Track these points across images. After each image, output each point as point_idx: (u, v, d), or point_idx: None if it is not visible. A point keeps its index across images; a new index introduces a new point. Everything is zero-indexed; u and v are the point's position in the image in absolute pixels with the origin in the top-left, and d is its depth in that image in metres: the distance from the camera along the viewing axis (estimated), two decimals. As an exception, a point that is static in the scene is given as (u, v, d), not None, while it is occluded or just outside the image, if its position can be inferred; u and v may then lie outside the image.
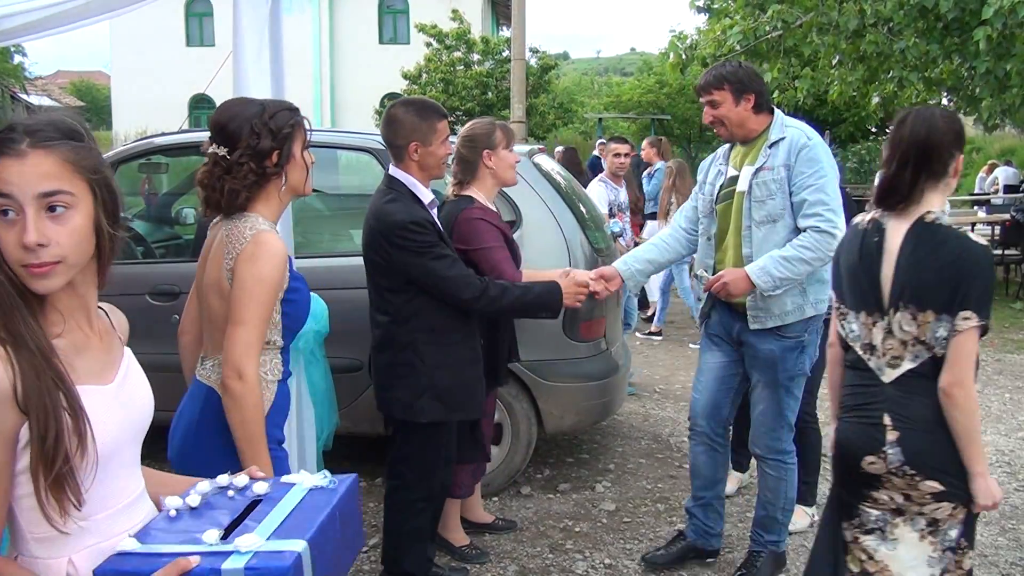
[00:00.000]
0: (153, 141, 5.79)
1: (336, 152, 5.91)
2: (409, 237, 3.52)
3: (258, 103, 2.77)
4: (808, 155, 3.78)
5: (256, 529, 1.67)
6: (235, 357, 2.57)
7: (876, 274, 2.76)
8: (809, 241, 3.72)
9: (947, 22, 10.59)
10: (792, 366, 3.98)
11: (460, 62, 27.74)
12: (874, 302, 2.77)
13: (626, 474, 5.64)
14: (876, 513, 2.79)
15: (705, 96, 3.95)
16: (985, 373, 8.13)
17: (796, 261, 3.72)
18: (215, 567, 1.57)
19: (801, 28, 11.40)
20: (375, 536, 4.57)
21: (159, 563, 1.55)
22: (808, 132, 3.91)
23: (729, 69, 3.94)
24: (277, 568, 1.59)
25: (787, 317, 3.90)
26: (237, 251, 2.61)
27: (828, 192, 3.76)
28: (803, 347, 3.98)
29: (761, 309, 3.91)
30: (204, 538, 1.63)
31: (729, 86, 3.88)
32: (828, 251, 3.64)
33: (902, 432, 2.70)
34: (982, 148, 31.40)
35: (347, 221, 5.83)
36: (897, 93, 13.04)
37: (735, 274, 3.80)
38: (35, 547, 1.64)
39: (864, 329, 2.81)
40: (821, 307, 3.95)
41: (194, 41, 34.67)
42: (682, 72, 14.09)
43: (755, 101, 3.91)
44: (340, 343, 4.35)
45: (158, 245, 6.03)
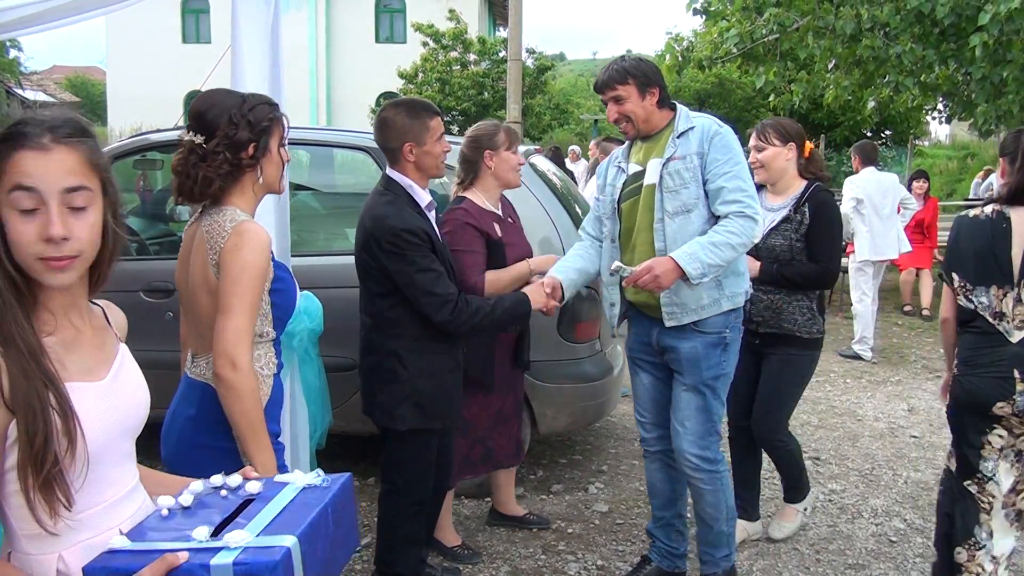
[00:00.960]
0: (148, 138, 5.78)
1: (332, 151, 5.91)
2: (400, 244, 3.48)
3: (239, 95, 2.76)
4: (721, 142, 3.69)
5: (246, 526, 1.68)
6: (227, 346, 2.55)
7: (1007, 254, 3.33)
8: (735, 226, 3.59)
9: (943, 27, 10.63)
10: (716, 364, 3.82)
11: (456, 62, 27.76)
12: (1005, 277, 3.34)
13: (619, 476, 5.64)
14: (990, 462, 3.45)
15: (609, 92, 3.79)
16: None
17: (724, 247, 3.58)
18: (204, 563, 1.58)
19: (797, 32, 11.42)
20: (368, 536, 4.57)
21: (148, 560, 1.55)
22: (717, 121, 3.81)
23: (631, 63, 3.80)
24: (265, 563, 1.59)
25: (703, 311, 3.75)
26: (220, 244, 2.59)
27: (744, 178, 3.68)
28: (725, 344, 3.83)
29: (676, 304, 3.76)
30: (194, 535, 1.64)
31: (634, 80, 3.74)
32: (752, 237, 3.62)
33: None
34: (977, 154, 31.48)
35: (342, 220, 5.82)
36: (893, 98, 13.11)
37: (664, 263, 3.57)
38: (26, 543, 1.64)
39: (995, 300, 3.37)
40: (738, 300, 3.82)
41: (190, 38, 34.66)
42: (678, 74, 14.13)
43: (659, 95, 3.79)
44: (334, 342, 4.34)
45: (152, 242, 6.02)
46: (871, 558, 4.55)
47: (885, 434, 6.54)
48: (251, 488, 1.83)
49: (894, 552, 4.62)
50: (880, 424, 6.78)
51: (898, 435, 6.48)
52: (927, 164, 27.57)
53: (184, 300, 2.85)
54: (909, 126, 31.24)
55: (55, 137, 1.60)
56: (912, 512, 5.10)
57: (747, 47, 11.99)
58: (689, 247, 3.58)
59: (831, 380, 8.09)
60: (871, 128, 31.03)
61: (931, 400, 7.40)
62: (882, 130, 32.26)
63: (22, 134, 1.59)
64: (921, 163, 27.32)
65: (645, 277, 3.56)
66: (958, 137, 37.18)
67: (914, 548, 4.66)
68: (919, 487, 5.50)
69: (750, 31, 11.75)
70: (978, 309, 3.41)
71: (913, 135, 31.64)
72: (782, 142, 4.42)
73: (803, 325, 4.35)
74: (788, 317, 4.36)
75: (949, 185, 27.73)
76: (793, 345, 4.38)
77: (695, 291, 3.69)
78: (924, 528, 4.88)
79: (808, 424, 6.73)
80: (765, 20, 11.63)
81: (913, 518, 5.02)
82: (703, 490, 3.93)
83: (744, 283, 3.83)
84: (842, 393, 7.63)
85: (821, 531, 4.86)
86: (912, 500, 5.29)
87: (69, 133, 1.63)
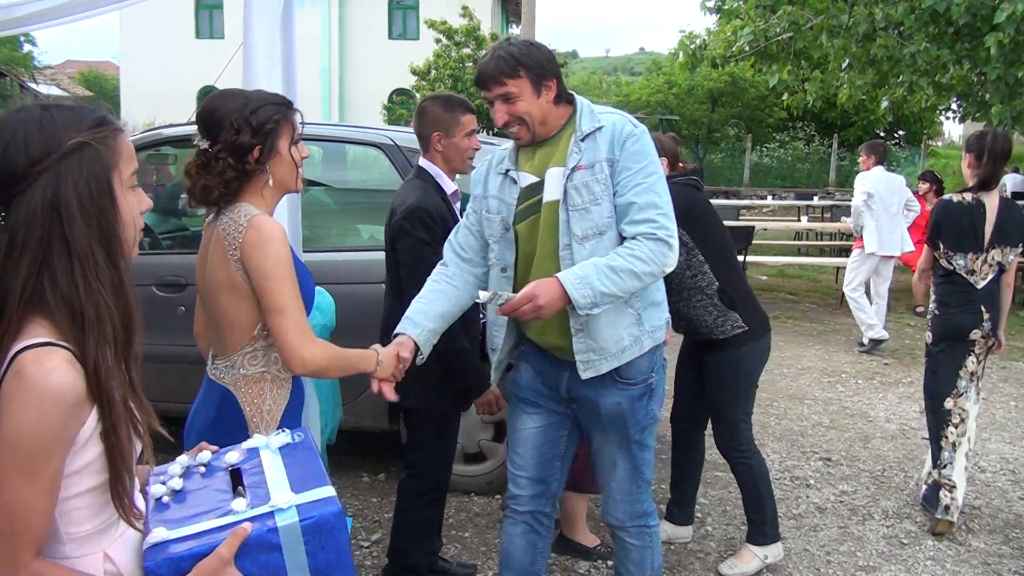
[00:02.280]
0: (161, 132, 5.79)
1: (344, 147, 5.90)
2: (414, 222, 3.55)
3: (243, 96, 2.69)
4: (635, 146, 2.96)
5: (271, 489, 1.72)
6: (293, 347, 2.53)
7: (981, 230, 4.75)
8: (643, 251, 2.88)
9: (958, 27, 10.56)
10: (644, 417, 3.19)
11: (469, 59, 27.68)
12: (978, 246, 4.76)
13: (629, 474, 5.61)
14: (963, 381, 4.92)
15: (496, 88, 2.97)
16: (990, 380, 8.12)
17: (626, 274, 2.86)
18: (271, 527, 1.62)
19: (811, 30, 11.37)
20: (378, 531, 4.57)
21: (206, 542, 1.59)
22: (631, 119, 3.07)
23: (522, 49, 2.99)
24: (330, 513, 1.67)
25: (625, 354, 3.05)
26: (239, 241, 2.55)
27: (660, 192, 2.96)
28: (652, 390, 3.19)
29: (593, 350, 3.03)
30: (233, 507, 1.67)
31: (527, 72, 2.95)
32: (663, 264, 2.91)
33: (991, 312, 4.81)
34: (990, 154, 31.32)
35: (355, 216, 5.82)
36: (907, 98, 13.03)
37: (549, 289, 2.82)
38: (69, 548, 1.62)
39: (970, 261, 4.78)
40: (659, 335, 3.15)
41: (204, 33, 34.70)
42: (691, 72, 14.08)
43: (556, 89, 3.03)
44: (346, 338, 4.31)
45: (165, 236, 6.02)
46: (882, 560, 4.53)
47: (897, 435, 6.51)
48: (231, 458, 1.86)
49: (905, 554, 4.59)
50: (892, 425, 6.75)
51: (910, 437, 6.45)
52: (940, 165, 27.44)
53: (203, 300, 2.83)
54: (923, 126, 31.17)
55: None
56: (923, 514, 5.07)
57: (761, 45, 11.94)
58: (581, 268, 2.87)
59: (843, 380, 8.06)
60: (884, 128, 30.96)
61: (943, 401, 7.37)
62: (895, 130, 32.20)
63: (113, 122, 1.67)
64: (934, 164, 27.23)
65: (526, 307, 2.81)
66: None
67: (925, 551, 4.64)
68: (931, 489, 5.47)
69: (764, 29, 11.70)
70: (956, 269, 4.82)
71: (926, 135, 31.54)
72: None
73: (713, 325, 4.07)
74: (698, 320, 4.10)
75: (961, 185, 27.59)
76: (717, 348, 4.13)
77: (613, 330, 3.02)
78: (936, 531, 4.86)
79: (820, 425, 6.71)
80: (779, 18, 11.58)
81: (924, 520, 5.00)
82: (629, 546, 3.39)
83: (663, 313, 3.20)
84: (854, 394, 7.60)
85: (832, 532, 4.84)
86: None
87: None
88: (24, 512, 1.48)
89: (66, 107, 1.63)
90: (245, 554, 1.59)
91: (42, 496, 1.50)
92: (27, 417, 1.47)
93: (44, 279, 1.54)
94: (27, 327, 1.53)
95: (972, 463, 5.15)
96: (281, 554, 1.63)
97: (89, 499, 1.61)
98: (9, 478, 1.47)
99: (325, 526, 1.66)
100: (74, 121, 1.60)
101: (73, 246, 1.55)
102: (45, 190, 1.54)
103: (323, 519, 1.66)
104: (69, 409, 1.51)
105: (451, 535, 4.60)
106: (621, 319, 3.02)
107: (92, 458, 1.57)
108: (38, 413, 1.47)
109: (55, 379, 1.49)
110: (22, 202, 1.54)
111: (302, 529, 1.64)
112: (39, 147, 1.55)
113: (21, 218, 1.53)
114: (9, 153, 1.55)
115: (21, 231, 1.53)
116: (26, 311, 1.54)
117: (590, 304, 2.82)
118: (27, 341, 1.51)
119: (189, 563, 1.57)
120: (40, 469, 1.49)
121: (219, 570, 1.56)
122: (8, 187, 1.55)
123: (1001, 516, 5.11)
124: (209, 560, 1.57)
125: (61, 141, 1.57)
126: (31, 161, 1.54)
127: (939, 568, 4.45)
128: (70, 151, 1.57)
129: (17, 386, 1.48)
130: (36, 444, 1.48)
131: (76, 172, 1.57)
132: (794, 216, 18.31)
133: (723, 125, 33.33)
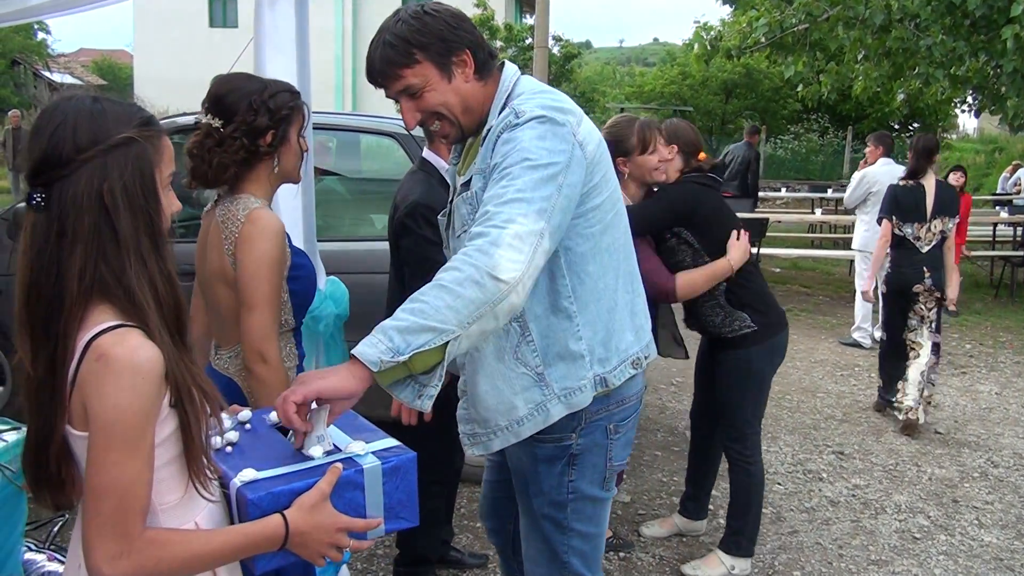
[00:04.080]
0: (175, 121, 5.78)
1: (358, 136, 5.90)
2: (417, 219, 3.43)
3: (260, 80, 2.72)
4: (505, 146, 2.18)
5: (337, 441, 1.95)
6: (255, 342, 2.56)
7: (924, 205, 6.44)
8: (459, 258, 2.02)
9: (975, 19, 10.51)
10: (554, 488, 2.45)
11: (483, 49, 27.68)
12: (922, 217, 6.42)
13: (642, 466, 5.62)
14: (914, 321, 6.45)
15: (394, 84, 2.31)
16: (1004, 375, 8.10)
17: (434, 292, 1.98)
18: (358, 468, 1.84)
19: (827, 22, 11.33)
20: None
21: (301, 480, 1.78)
22: (536, 105, 2.22)
23: (410, 25, 2.25)
24: (406, 458, 1.91)
25: (523, 427, 2.37)
26: (235, 234, 2.57)
27: (516, 182, 2.09)
28: (571, 458, 2.43)
29: (476, 422, 2.45)
30: (312, 453, 1.88)
31: (424, 53, 2.25)
32: (490, 268, 1.98)
33: (932, 272, 6.32)
34: (1005, 148, 31.17)
35: (368, 205, 5.81)
36: (922, 90, 12.98)
37: (332, 370, 1.96)
38: (163, 518, 1.69)
39: (916, 229, 6.41)
40: (579, 398, 2.34)
41: (217, 22, 34.71)
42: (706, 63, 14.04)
43: (472, 61, 2.31)
44: (359, 327, 4.30)
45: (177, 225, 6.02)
46: (894, 554, 4.52)
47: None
48: (273, 418, 2.03)
49: (917, 549, 4.58)
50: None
51: (922, 431, 6.42)
52: (955, 158, 27.27)
53: (203, 289, 2.84)
54: (938, 119, 30.99)
55: None
56: (936, 509, 5.06)
57: (776, 37, 11.90)
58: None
59: (855, 374, 8.04)
60: (899, 120, 30.80)
61: (956, 396, 7.35)
62: (910, 122, 32.02)
63: (159, 124, 1.71)
64: (948, 156, 27.05)
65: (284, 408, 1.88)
66: (986, 131, 36.84)
67: (937, 545, 4.62)
68: (943, 484, 5.46)
69: (779, 20, 11.67)
70: (905, 235, 6.46)
71: (941, 128, 31.37)
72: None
73: (721, 325, 3.98)
74: (707, 320, 4.03)
75: (976, 179, 27.43)
76: (727, 347, 4.03)
77: (499, 395, 2.36)
78: (948, 525, 4.84)
79: (832, 418, 6.70)
80: (795, 9, 11.55)
81: (937, 515, 4.98)
82: None
83: (582, 370, 2.34)
84: (867, 387, 7.57)
85: (844, 526, 4.83)
86: (936, 497, 5.25)
87: None
88: (130, 485, 1.54)
89: (117, 102, 1.66)
90: (333, 491, 1.78)
91: (145, 467, 1.57)
92: (124, 395, 1.52)
93: (101, 266, 1.58)
94: (91, 314, 1.58)
95: (924, 379, 6.39)
96: (363, 492, 1.84)
97: (174, 467, 1.69)
98: (113, 455, 1.53)
99: (401, 468, 1.89)
100: (124, 116, 1.63)
101: (121, 236, 1.59)
102: (92, 179, 1.57)
103: (400, 462, 1.89)
104: (157, 381, 1.57)
105: (463, 525, 4.60)
106: (508, 381, 2.34)
107: (172, 429, 1.65)
108: (133, 389, 1.53)
109: (142, 355, 1.55)
110: (66, 188, 1.56)
111: (383, 472, 1.86)
112: (88, 136, 1.58)
113: (68, 205, 1.56)
114: (57, 136, 1.57)
115: (71, 218, 1.56)
116: (86, 298, 1.58)
117: (390, 351, 1.89)
118: (99, 326, 1.56)
119: (287, 498, 1.74)
120: (140, 442, 1.55)
121: (319, 503, 1.75)
122: (51, 170, 1.57)
123: (1014, 511, 5.09)
124: (311, 494, 1.75)
125: (110, 133, 1.60)
126: (78, 148, 1.57)
127: (951, 563, 4.44)
128: (118, 144, 1.60)
129: (105, 368, 1.53)
130: (135, 419, 1.54)
131: (122, 166, 1.60)
132: (808, 208, 18.24)
133: (737, 117, 33.21)
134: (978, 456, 5.94)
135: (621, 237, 2.43)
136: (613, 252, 2.38)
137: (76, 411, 1.57)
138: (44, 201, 1.57)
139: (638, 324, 2.48)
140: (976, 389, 7.65)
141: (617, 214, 2.40)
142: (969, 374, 8.13)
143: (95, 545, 1.53)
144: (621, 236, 2.43)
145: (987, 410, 7.03)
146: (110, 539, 1.53)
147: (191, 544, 1.62)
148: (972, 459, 5.89)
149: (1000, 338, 9.68)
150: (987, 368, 8.39)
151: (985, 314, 10.88)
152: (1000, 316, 10.85)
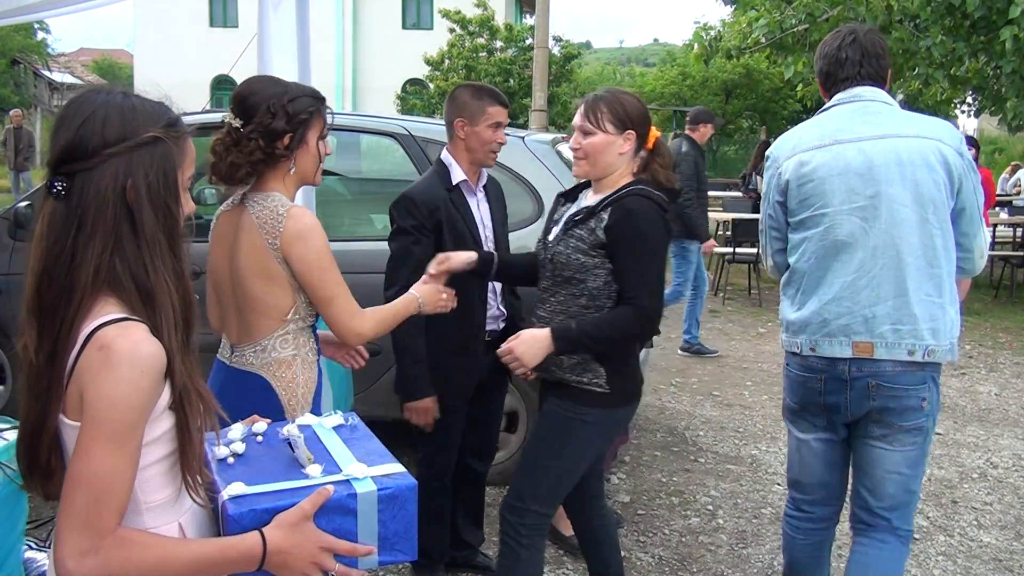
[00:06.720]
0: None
1: (358, 136, 5.90)
2: (400, 209, 3.55)
3: (283, 84, 2.76)
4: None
5: (339, 461, 1.88)
6: (350, 328, 2.71)
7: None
8: None
9: (974, 20, 10.53)
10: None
11: (483, 49, 27.67)
12: None
13: (641, 466, 5.63)
14: None
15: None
16: (1004, 376, 8.11)
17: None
18: (351, 492, 1.76)
19: (827, 22, 11.33)
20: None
21: (286, 498, 1.73)
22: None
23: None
24: (405, 486, 1.83)
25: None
26: (279, 229, 2.61)
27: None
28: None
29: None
30: (308, 472, 1.82)
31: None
32: None
33: None
34: (1004, 149, 31.17)
35: (368, 205, 5.82)
36: (922, 90, 12.98)
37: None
38: (147, 517, 1.68)
39: None
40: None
41: (217, 22, 34.78)
42: (706, 64, 14.05)
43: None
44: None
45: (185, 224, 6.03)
46: (893, 554, 4.52)
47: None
48: (288, 431, 1.95)
49: (916, 549, 4.58)
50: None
51: (922, 431, 6.42)
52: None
53: (222, 287, 2.82)
54: (937, 119, 30.95)
55: None
56: (935, 510, 5.07)
57: (776, 37, 11.91)
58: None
59: (855, 374, 8.03)
60: (899, 121, 30.78)
61: (956, 397, 7.35)
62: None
63: (185, 126, 1.73)
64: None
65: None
66: (986, 132, 36.82)
67: (936, 546, 4.63)
68: (942, 485, 5.46)
69: (779, 21, 11.68)
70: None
71: (941, 129, 31.31)
72: (618, 129, 3.06)
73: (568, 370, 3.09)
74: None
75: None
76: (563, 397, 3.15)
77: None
78: (947, 526, 4.85)
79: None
80: (795, 10, 11.56)
81: (936, 516, 4.99)
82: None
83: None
84: (866, 388, 7.57)
85: (843, 526, 4.82)
86: (935, 498, 5.25)
87: None
88: (111, 480, 1.53)
89: (148, 100, 1.68)
90: (322, 514, 1.72)
91: (129, 464, 1.56)
92: (120, 388, 1.53)
93: (116, 260, 1.59)
94: (97, 305, 1.59)
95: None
96: (355, 519, 1.76)
97: (163, 467, 1.68)
98: (99, 447, 1.52)
99: (399, 497, 1.81)
100: (153, 115, 1.66)
101: (141, 231, 1.61)
102: (117, 174, 1.59)
103: (398, 491, 1.81)
104: (156, 378, 1.57)
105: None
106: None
107: (166, 428, 1.65)
108: (130, 383, 1.53)
109: (144, 349, 1.56)
110: (90, 180, 1.58)
111: (379, 498, 1.78)
112: (116, 131, 1.60)
113: (91, 197, 1.58)
114: (86, 128, 1.59)
115: (92, 210, 1.58)
116: (95, 290, 1.59)
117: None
118: (103, 318, 1.56)
119: (271, 516, 1.69)
120: (129, 438, 1.55)
121: (300, 522, 1.69)
122: (75, 160, 1.58)
123: (1013, 512, 5.09)
124: (292, 512, 1.70)
125: (139, 131, 1.62)
126: (105, 142, 1.59)
127: (950, 563, 4.44)
128: (145, 142, 1.62)
129: (105, 359, 1.53)
130: (128, 413, 1.54)
131: (148, 163, 1.62)
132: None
133: (737, 117, 33.21)
134: (977, 457, 5.94)
135: None
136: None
137: (72, 400, 1.57)
138: (65, 191, 1.58)
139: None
140: (975, 390, 7.65)
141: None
142: (968, 375, 8.14)
143: (64, 537, 1.53)
144: None
145: (986, 411, 7.03)
146: (81, 533, 1.52)
147: (162, 550, 1.60)
148: (971, 460, 5.89)
149: (999, 339, 9.69)
150: (987, 369, 8.39)
151: (985, 315, 10.89)
152: (1000, 317, 10.86)
